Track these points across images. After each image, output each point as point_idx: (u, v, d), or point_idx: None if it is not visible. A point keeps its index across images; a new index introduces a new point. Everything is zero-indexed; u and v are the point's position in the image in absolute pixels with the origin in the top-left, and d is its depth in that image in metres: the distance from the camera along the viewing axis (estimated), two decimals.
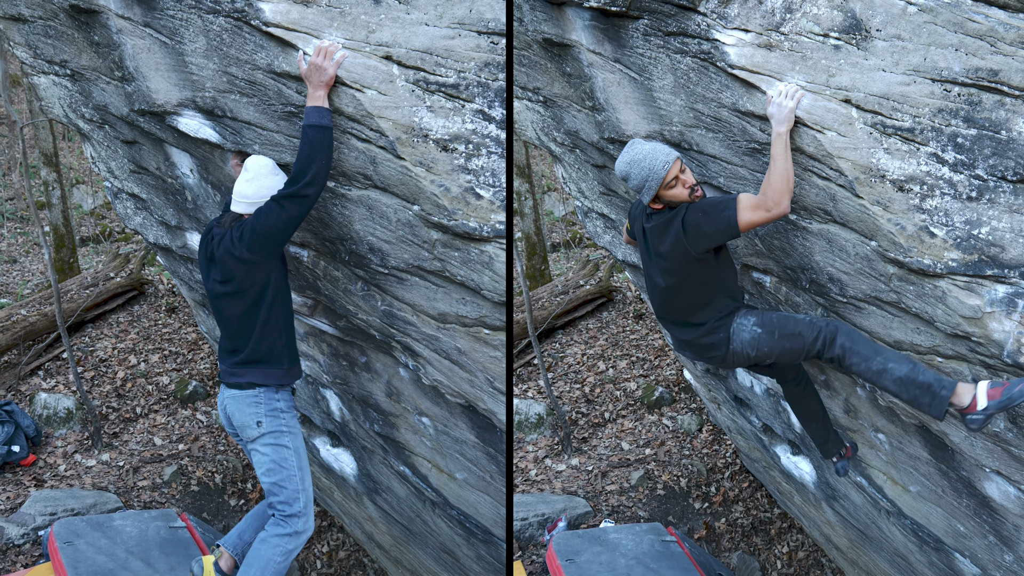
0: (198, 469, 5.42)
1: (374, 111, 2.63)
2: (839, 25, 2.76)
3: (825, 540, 5.28)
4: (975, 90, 2.62)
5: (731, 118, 3.02)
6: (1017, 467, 3.07)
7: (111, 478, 5.30)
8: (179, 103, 2.93)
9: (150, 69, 2.89)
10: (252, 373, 3.01)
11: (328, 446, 4.39)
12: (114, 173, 3.52)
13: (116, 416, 5.81)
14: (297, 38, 2.65)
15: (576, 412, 6.42)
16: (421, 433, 3.66)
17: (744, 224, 2.83)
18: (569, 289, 7.40)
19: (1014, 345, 2.70)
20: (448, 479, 3.74)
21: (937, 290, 2.76)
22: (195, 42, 2.80)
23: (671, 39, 3.12)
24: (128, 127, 3.19)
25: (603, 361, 6.85)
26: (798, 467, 4.77)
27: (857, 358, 2.86)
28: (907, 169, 2.70)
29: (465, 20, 2.64)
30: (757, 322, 3.01)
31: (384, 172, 2.72)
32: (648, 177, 2.94)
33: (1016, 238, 2.63)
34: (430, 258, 2.83)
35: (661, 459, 5.97)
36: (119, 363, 6.25)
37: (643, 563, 4.34)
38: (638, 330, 7.15)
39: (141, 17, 2.84)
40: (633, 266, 4.57)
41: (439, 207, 2.69)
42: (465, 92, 2.64)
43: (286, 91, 2.76)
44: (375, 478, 4.20)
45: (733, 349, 3.02)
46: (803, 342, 2.94)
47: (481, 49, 2.63)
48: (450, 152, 2.64)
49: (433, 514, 3.97)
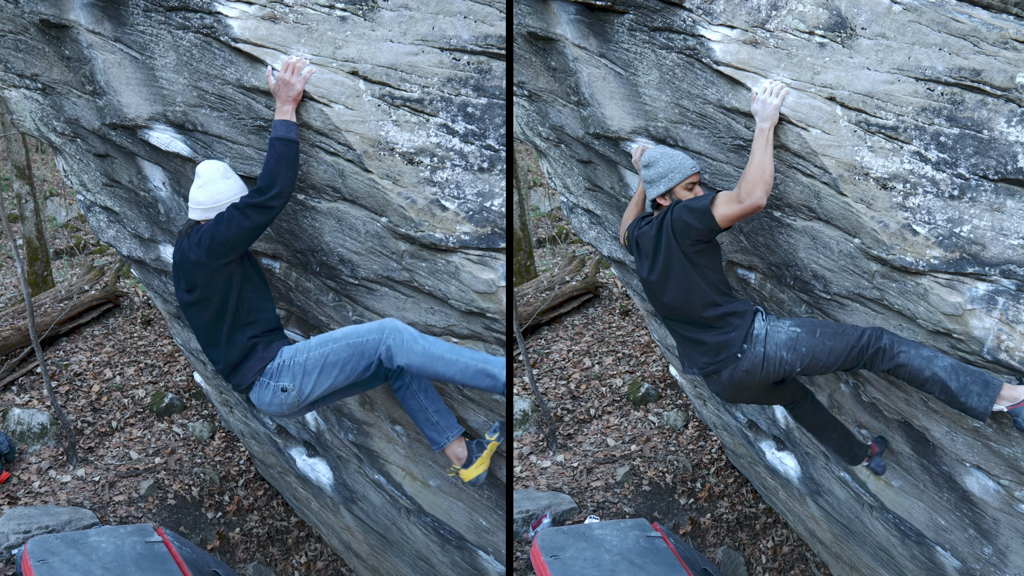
0: (175, 482, 5.36)
1: (341, 125, 2.69)
2: (824, 23, 2.77)
3: (809, 535, 5.32)
4: (958, 89, 2.63)
5: (716, 114, 3.02)
6: (996, 462, 3.10)
7: (86, 494, 5.23)
8: (150, 117, 2.96)
9: (121, 83, 2.93)
10: (241, 374, 3.00)
11: (304, 456, 4.41)
12: (87, 186, 3.53)
13: (91, 430, 5.74)
14: (265, 54, 2.70)
15: (561, 408, 6.43)
16: (395, 441, 3.70)
17: (720, 216, 2.81)
18: (555, 285, 7.40)
19: (994, 342, 2.72)
20: (422, 486, 3.77)
21: (919, 287, 2.78)
22: (165, 57, 2.85)
23: (656, 34, 3.12)
24: (100, 141, 3.22)
25: (589, 357, 6.85)
26: (783, 463, 4.80)
27: (906, 346, 2.80)
28: (890, 167, 2.71)
29: (428, 37, 2.71)
30: (794, 323, 2.93)
31: (352, 185, 2.78)
32: (674, 168, 2.96)
33: (997, 236, 2.65)
34: (398, 269, 2.89)
35: (647, 455, 5.99)
36: (94, 377, 6.17)
37: (628, 559, 4.36)
38: (624, 326, 7.16)
39: (111, 32, 2.87)
40: (619, 262, 4.57)
41: (406, 219, 2.75)
42: (429, 107, 2.72)
43: (255, 105, 2.81)
44: (351, 487, 4.23)
45: (767, 353, 2.89)
46: (848, 340, 2.85)
47: (444, 65, 2.71)
48: (415, 165, 2.72)
49: (408, 522, 4.00)
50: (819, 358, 2.90)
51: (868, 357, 2.85)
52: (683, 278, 2.94)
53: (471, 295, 2.94)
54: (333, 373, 2.94)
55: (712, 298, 2.94)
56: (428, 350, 2.90)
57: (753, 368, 2.94)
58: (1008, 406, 2.73)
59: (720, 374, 3.02)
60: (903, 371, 2.83)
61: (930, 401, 3.16)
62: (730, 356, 2.96)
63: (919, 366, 2.79)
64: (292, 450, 4.46)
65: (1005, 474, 3.11)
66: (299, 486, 4.77)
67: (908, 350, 2.80)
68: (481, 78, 2.74)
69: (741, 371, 2.96)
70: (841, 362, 2.90)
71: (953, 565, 3.76)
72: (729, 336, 2.95)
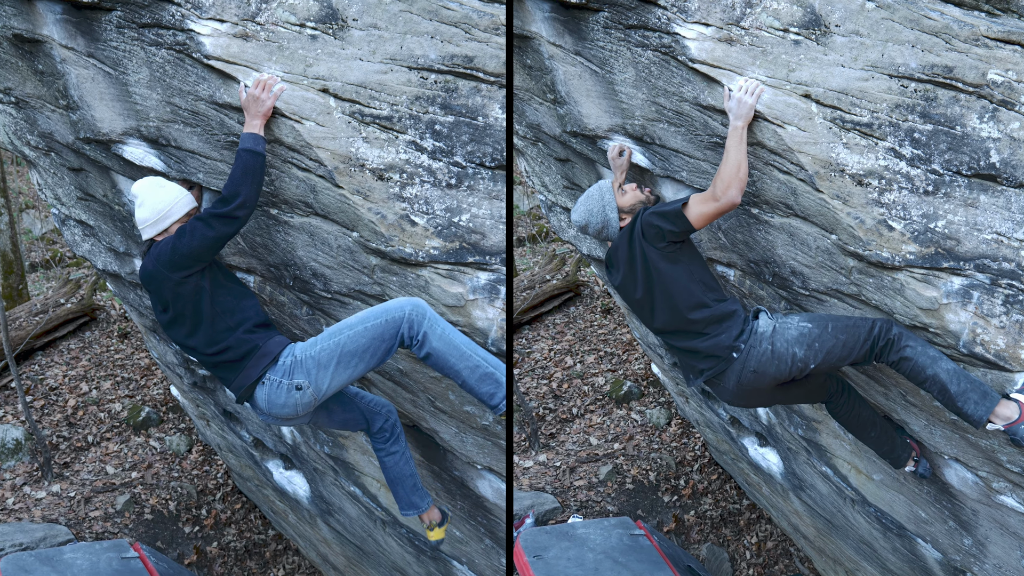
0: (152, 497, 5.28)
1: (313, 141, 2.75)
2: (799, 20, 2.77)
3: (793, 530, 5.35)
4: (931, 86, 2.65)
5: (693, 112, 3.02)
6: (974, 453, 3.13)
7: (62, 510, 5.13)
8: (124, 132, 2.98)
9: (94, 98, 2.95)
10: (245, 373, 2.79)
11: (281, 469, 4.41)
12: (61, 200, 3.51)
13: (67, 445, 5.64)
14: (237, 71, 2.75)
15: (543, 408, 6.42)
16: (369, 453, 3.71)
17: (695, 216, 2.79)
18: (535, 284, 7.39)
19: (969, 336, 2.74)
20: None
21: (896, 282, 2.79)
22: (138, 73, 2.88)
23: (632, 32, 3.11)
24: (74, 155, 3.22)
25: (571, 356, 6.85)
26: (765, 459, 4.82)
27: (914, 342, 2.77)
28: (866, 163, 2.72)
29: (397, 56, 2.77)
30: (804, 319, 2.85)
31: (324, 200, 2.83)
32: (603, 199, 2.99)
33: (971, 231, 2.67)
34: (370, 283, 2.93)
35: (630, 453, 5.99)
36: (70, 391, 6.07)
37: (612, 557, 4.35)
38: (606, 325, 7.16)
39: (85, 48, 2.89)
40: (599, 260, 4.57)
41: (376, 234, 2.80)
42: (398, 124, 2.78)
43: (228, 121, 2.84)
44: (328, 499, 4.24)
45: (776, 349, 2.80)
46: (859, 332, 2.79)
47: (412, 84, 2.78)
48: (385, 181, 2.78)
49: (384, 533, 4.01)
50: (833, 352, 2.81)
51: (880, 348, 2.80)
52: (666, 284, 2.88)
53: (441, 308, 2.96)
54: (352, 363, 2.76)
55: (699, 298, 2.87)
56: (448, 336, 2.77)
57: (762, 367, 2.84)
58: (1004, 425, 2.73)
59: (724, 380, 2.92)
60: (906, 365, 2.79)
61: (909, 395, 3.18)
62: (726, 357, 2.88)
63: (923, 364, 2.76)
64: (269, 463, 4.45)
65: (983, 466, 3.13)
66: (276, 499, 4.76)
67: (915, 346, 2.77)
68: (448, 97, 2.79)
69: (749, 372, 2.85)
70: (854, 355, 2.82)
71: (934, 557, 3.79)
72: (719, 339, 2.88)
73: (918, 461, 3.33)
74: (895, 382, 3.17)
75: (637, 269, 2.92)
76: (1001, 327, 2.69)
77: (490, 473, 3.35)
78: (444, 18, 2.77)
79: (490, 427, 3.15)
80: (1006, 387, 2.77)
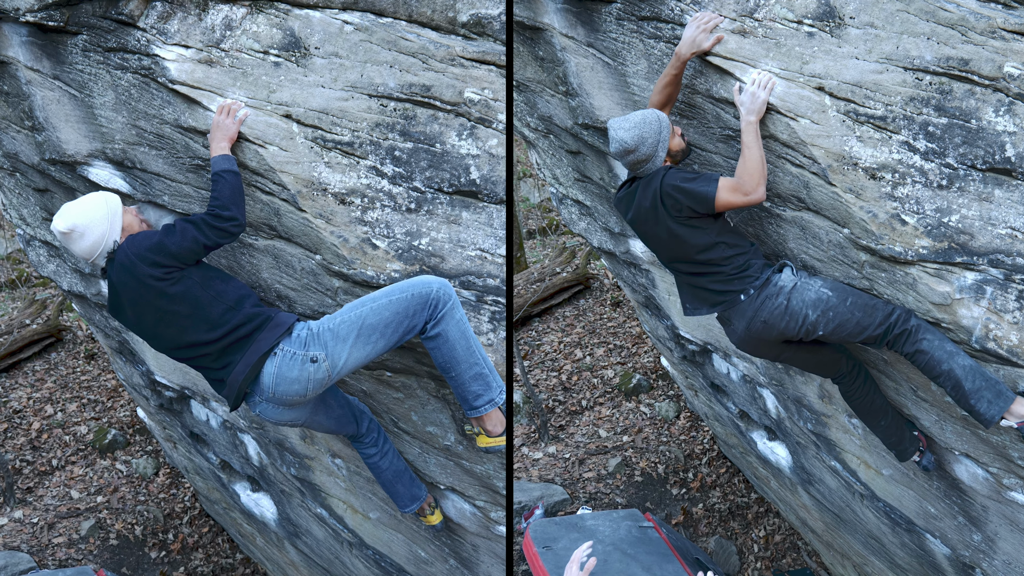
0: (117, 522, 5.18)
1: (276, 166, 2.80)
2: (813, 12, 2.76)
3: (801, 524, 5.35)
4: (946, 79, 2.62)
5: (705, 104, 3.01)
6: (985, 449, 3.11)
7: (24, 536, 5.02)
8: (89, 154, 3.02)
9: (60, 120, 2.99)
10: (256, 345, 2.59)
11: (248, 491, 4.43)
12: (26, 220, 3.56)
13: (31, 470, 5.53)
14: (202, 96, 2.80)
15: (553, 400, 6.43)
16: (335, 475, 3.74)
17: (721, 203, 2.78)
18: (545, 276, 7.39)
19: (982, 331, 2.73)
20: (363, 519, 3.80)
21: (908, 277, 2.78)
22: (104, 96, 2.92)
23: (644, 24, 3.10)
24: (39, 175, 3.27)
25: (580, 349, 6.85)
26: (774, 452, 4.81)
27: (931, 335, 2.75)
28: (879, 157, 2.70)
29: (357, 84, 2.83)
30: (826, 285, 2.84)
31: (287, 223, 2.88)
32: (661, 132, 2.85)
33: (985, 226, 2.65)
34: (333, 305, 2.96)
35: (639, 446, 6.00)
36: (34, 413, 5.96)
37: (620, 549, 4.37)
38: (615, 317, 7.16)
39: (50, 70, 2.94)
40: (609, 253, 4.56)
41: (339, 257, 2.84)
42: (359, 150, 2.83)
43: (193, 145, 2.88)
44: (295, 521, 4.26)
45: (790, 306, 2.81)
46: (877, 315, 2.78)
47: (372, 111, 2.83)
48: (347, 205, 2.83)
49: (351, 555, 4.04)
50: (845, 326, 2.81)
51: (893, 336, 2.79)
52: (681, 239, 2.86)
53: None
54: (372, 338, 2.60)
55: (713, 239, 2.85)
56: (464, 326, 2.67)
57: (772, 319, 2.84)
58: (1018, 423, 2.72)
59: (734, 321, 2.93)
60: (922, 358, 2.77)
61: (920, 390, 3.17)
62: (731, 300, 2.88)
63: (939, 358, 2.74)
64: (236, 485, 4.45)
65: (994, 462, 3.12)
66: (244, 522, 4.75)
67: (932, 339, 2.75)
68: (407, 124, 2.84)
69: (759, 321, 2.86)
70: (866, 335, 2.81)
71: (943, 552, 3.79)
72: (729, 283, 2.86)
73: (923, 453, 3.33)
74: (906, 377, 3.16)
75: (647, 208, 2.88)
76: (1015, 323, 2.68)
77: (453, 493, 3.36)
78: (403, 48, 2.83)
79: (452, 447, 3.18)
80: (1019, 383, 2.76)
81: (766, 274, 2.88)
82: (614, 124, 2.85)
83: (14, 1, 2.81)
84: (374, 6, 2.83)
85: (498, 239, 2.89)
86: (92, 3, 2.82)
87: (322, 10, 2.83)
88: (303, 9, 2.82)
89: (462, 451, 3.17)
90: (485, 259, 2.88)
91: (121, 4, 2.79)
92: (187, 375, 3.91)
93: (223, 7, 2.80)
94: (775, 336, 2.89)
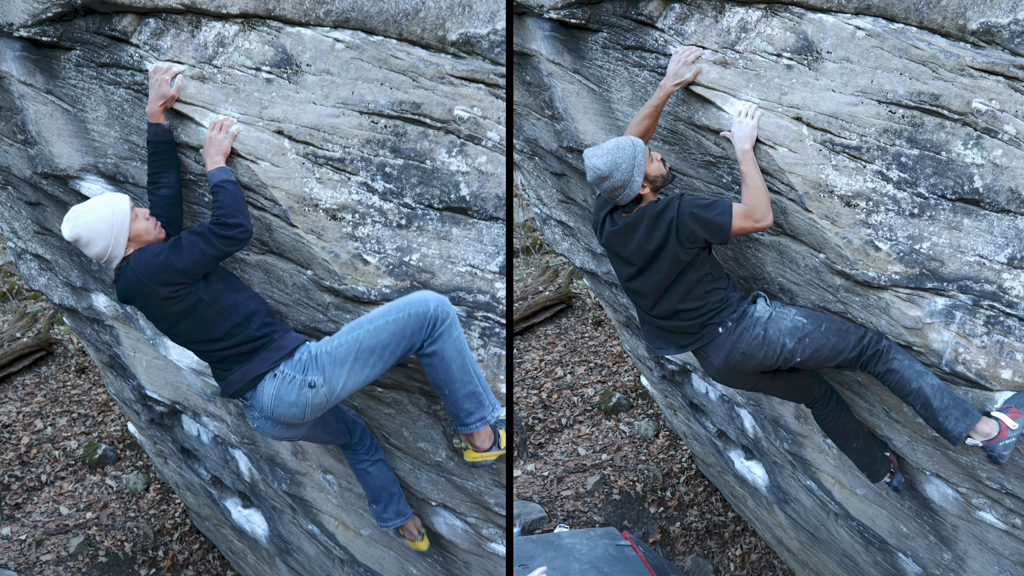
0: (107, 538, 5.08)
1: (268, 181, 2.80)
2: (792, 46, 2.85)
3: (777, 542, 5.40)
4: (918, 112, 2.73)
5: (687, 131, 3.09)
6: (955, 470, 3.19)
7: (11, 554, 4.93)
8: (81, 168, 3.02)
9: (52, 134, 3.00)
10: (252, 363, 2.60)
11: (239, 507, 4.39)
12: (18, 234, 3.54)
13: (19, 485, 5.42)
14: (194, 111, 2.80)
15: (533, 418, 6.45)
16: (327, 491, 3.73)
17: (735, 231, 2.79)
18: (528, 295, 7.43)
19: (952, 355, 2.82)
20: (354, 536, 3.78)
21: (881, 301, 2.86)
22: (97, 110, 2.93)
23: (629, 53, 3.18)
24: (32, 189, 3.26)
25: (561, 367, 6.89)
26: (751, 472, 4.87)
27: (902, 355, 2.82)
28: (854, 185, 2.79)
29: (348, 101, 2.85)
30: (800, 313, 2.90)
31: (279, 239, 2.88)
32: (635, 156, 2.80)
33: (954, 253, 2.74)
34: (324, 320, 2.96)
35: (617, 464, 6.03)
36: (24, 428, 5.84)
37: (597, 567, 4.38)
38: (597, 336, 7.21)
39: (43, 84, 2.95)
40: (591, 273, 4.62)
41: (330, 272, 2.85)
42: (350, 166, 2.84)
43: (186, 160, 2.89)
44: (286, 538, 4.23)
45: (767, 336, 2.85)
46: (849, 339, 2.84)
47: (363, 127, 2.85)
48: (338, 221, 2.84)
49: (342, 572, 4.01)
50: (821, 351, 2.87)
51: (867, 357, 2.85)
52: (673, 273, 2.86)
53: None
54: (370, 361, 2.58)
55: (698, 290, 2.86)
56: (461, 344, 2.64)
57: (751, 351, 2.88)
58: (983, 441, 2.80)
59: (711, 355, 2.95)
60: (892, 377, 2.84)
61: (892, 411, 3.25)
62: (708, 333, 2.90)
63: (909, 377, 2.81)
64: (227, 501, 4.41)
65: (963, 482, 3.20)
66: (235, 538, 4.69)
67: (902, 360, 2.82)
68: (397, 140, 2.86)
69: (738, 352, 2.89)
70: (841, 358, 2.87)
71: (914, 571, 3.85)
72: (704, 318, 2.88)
73: (894, 474, 3.39)
74: (879, 398, 3.24)
75: (650, 251, 2.86)
76: (983, 347, 2.77)
77: (444, 510, 3.36)
78: (393, 66, 2.86)
79: (443, 463, 3.18)
80: (987, 405, 2.85)
81: (742, 306, 2.92)
82: (588, 153, 2.84)
83: (8, 16, 2.83)
84: (365, 24, 2.87)
85: (488, 255, 2.91)
86: (86, 19, 2.84)
87: (314, 28, 2.86)
88: (295, 27, 2.85)
89: (453, 467, 3.17)
90: (475, 275, 2.91)
91: (115, 21, 2.81)
92: (178, 390, 3.89)
93: (216, 24, 2.83)
94: (753, 367, 2.93)
